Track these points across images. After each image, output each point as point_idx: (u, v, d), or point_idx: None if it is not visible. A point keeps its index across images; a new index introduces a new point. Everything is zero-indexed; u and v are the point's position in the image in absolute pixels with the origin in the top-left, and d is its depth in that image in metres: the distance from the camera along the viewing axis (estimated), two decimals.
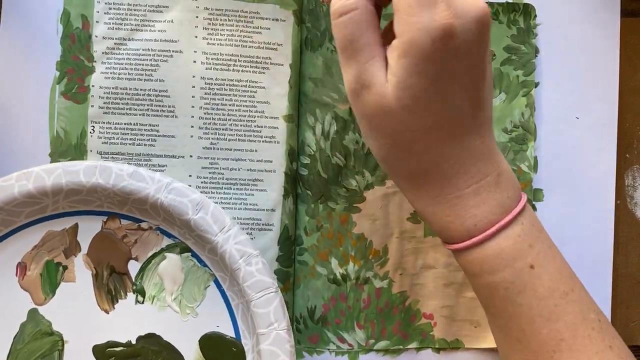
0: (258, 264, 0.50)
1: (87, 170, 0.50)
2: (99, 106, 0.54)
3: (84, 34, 0.54)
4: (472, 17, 0.38)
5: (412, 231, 0.56)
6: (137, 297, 0.53)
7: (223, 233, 0.50)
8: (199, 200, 0.50)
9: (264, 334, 0.49)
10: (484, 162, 0.42)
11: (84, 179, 0.50)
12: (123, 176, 0.50)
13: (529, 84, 0.56)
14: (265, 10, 0.55)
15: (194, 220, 0.50)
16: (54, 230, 0.52)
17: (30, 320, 0.52)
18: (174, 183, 0.50)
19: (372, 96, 0.40)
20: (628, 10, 0.57)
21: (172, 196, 0.50)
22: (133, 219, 0.52)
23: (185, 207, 0.50)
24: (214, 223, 0.50)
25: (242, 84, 0.55)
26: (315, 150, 0.56)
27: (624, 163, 0.58)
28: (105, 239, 0.53)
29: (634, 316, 0.57)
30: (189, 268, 0.53)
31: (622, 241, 0.57)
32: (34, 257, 0.52)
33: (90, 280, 0.53)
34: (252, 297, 0.50)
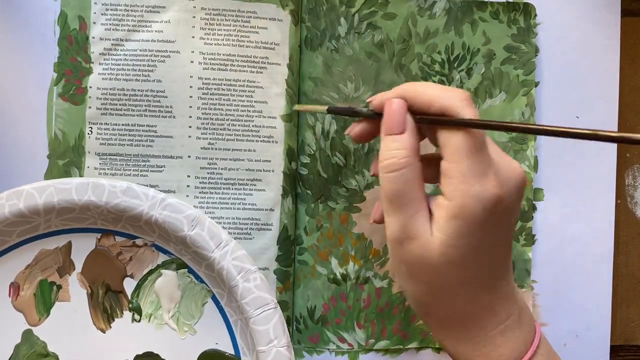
0: (256, 280, 0.49)
1: (79, 187, 0.49)
2: (97, 107, 0.54)
3: (81, 35, 0.54)
4: (513, 183, 0.41)
5: None
6: (134, 315, 0.52)
7: (220, 249, 0.49)
8: (194, 216, 0.49)
9: (263, 351, 0.49)
10: (509, 302, 0.44)
11: (76, 197, 0.49)
12: (116, 193, 0.49)
13: (529, 84, 0.56)
14: (262, 9, 0.55)
15: (190, 236, 0.49)
16: (47, 249, 0.51)
17: (24, 341, 0.51)
18: (168, 199, 0.50)
19: (416, 248, 0.41)
20: (628, 9, 0.57)
21: (167, 212, 0.49)
22: (127, 236, 0.52)
23: (180, 224, 0.49)
24: (210, 239, 0.49)
25: (239, 84, 0.54)
26: (315, 150, 0.56)
27: (624, 163, 0.57)
28: (99, 256, 0.52)
29: (634, 316, 0.57)
30: (186, 284, 0.52)
31: (622, 241, 0.57)
32: (27, 276, 0.51)
33: (85, 299, 0.52)
34: (251, 314, 0.49)
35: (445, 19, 0.56)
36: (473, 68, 0.56)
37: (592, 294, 0.56)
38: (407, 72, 0.56)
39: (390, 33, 0.56)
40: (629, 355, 0.57)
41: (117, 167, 0.54)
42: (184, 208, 0.50)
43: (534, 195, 0.56)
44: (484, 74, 0.56)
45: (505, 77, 0.56)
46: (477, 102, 0.56)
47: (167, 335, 0.52)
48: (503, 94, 0.56)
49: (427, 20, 0.56)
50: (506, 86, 0.56)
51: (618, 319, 0.57)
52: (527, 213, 0.56)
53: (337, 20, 0.55)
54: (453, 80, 0.56)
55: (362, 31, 0.56)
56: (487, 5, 0.56)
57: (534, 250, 0.56)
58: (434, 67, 0.56)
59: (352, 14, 0.55)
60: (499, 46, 0.56)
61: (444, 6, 0.56)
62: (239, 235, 0.54)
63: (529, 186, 0.56)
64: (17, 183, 0.53)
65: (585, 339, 0.57)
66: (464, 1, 0.56)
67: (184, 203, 0.50)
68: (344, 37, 0.55)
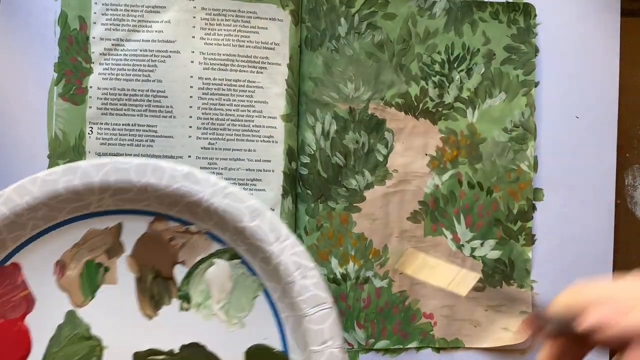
0: (314, 278, 0.48)
1: (138, 168, 0.47)
2: (97, 107, 0.54)
3: (82, 36, 0.54)
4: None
5: (412, 231, 0.56)
6: (182, 303, 0.50)
7: (279, 243, 0.47)
8: (255, 207, 0.48)
9: (317, 351, 0.47)
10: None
11: (134, 178, 0.47)
12: (177, 177, 0.47)
13: (529, 84, 0.56)
14: (262, 9, 0.55)
15: (250, 227, 0.47)
16: (97, 229, 0.50)
17: (67, 322, 0.49)
18: (230, 187, 0.48)
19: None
20: (628, 10, 0.57)
21: (228, 201, 0.47)
22: (181, 221, 0.50)
23: (240, 214, 0.47)
24: (270, 232, 0.47)
25: (239, 84, 0.54)
26: (315, 150, 0.56)
27: (624, 162, 0.57)
28: (151, 240, 0.50)
29: None
30: (238, 276, 0.50)
31: (622, 241, 0.57)
32: (73, 255, 0.50)
33: (132, 283, 0.50)
34: (307, 312, 0.47)
35: (445, 19, 0.56)
36: (473, 68, 0.56)
37: None
38: (407, 72, 0.56)
39: (390, 33, 0.56)
40: None
41: None
42: (245, 198, 0.48)
43: (534, 195, 0.56)
44: (483, 74, 0.56)
45: (505, 77, 0.56)
46: (477, 102, 0.56)
47: (215, 326, 0.50)
48: (503, 94, 0.56)
49: (427, 20, 0.56)
50: (506, 86, 0.56)
51: None
52: (527, 213, 0.56)
53: (337, 20, 0.55)
54: (453, 81, 0.56)
55: (362, 31, 0.56)
56: (487, 6, 0.56)
57: (534, 250, 0.56)
58: (434, 67, 0.56)
59: (352, 14, 0.55)
60: (499, 46, 0.56)
61: (444, 6, 0.56)
62: None
63: (529, 186, 0.56)
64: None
65: None
66: (464, 1, 0.56)
67: (245, 193, 0.48)
68: (344, 37, 0.55)
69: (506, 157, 0.56)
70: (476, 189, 0.56)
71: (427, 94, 0.56)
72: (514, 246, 0.56)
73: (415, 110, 0.56)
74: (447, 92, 0.56)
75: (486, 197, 0.56)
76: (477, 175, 0.56)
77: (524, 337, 0.55)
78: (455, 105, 0.56)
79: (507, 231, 0.56)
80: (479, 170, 0.56)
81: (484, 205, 0.56)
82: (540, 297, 0.56)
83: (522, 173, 0.56)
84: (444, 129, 0.56)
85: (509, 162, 0.56)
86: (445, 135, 0.56)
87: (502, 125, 0.56)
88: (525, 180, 0.56)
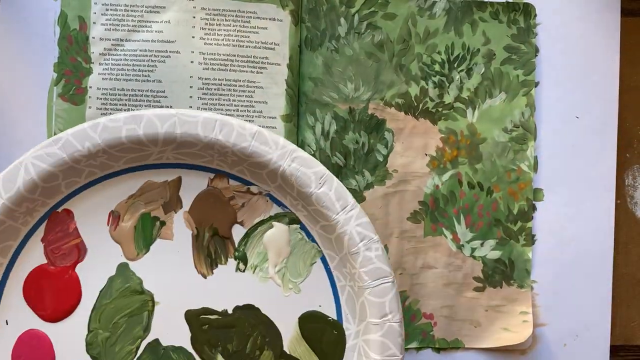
0: (378, 250, 0.46)
1: (205, 123, 0.46)
2: (97, 107, 0.54)
3: (81, 36, 0.54)
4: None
5: (412, 231, 0.56)
6: (239, 264, 0.49)
7: (345, 212, 0.46)
8: (323, 174, 0.46)
9: (376, 324, 0.46)
10: None
11: (201, 133, 0.45)
12: (245, 136, 0.46)
13: (529, 84, 0.56)
14: (262, 9, 0.55)
15: (316, 194, 0.46)
16: (154, 181, 0.48)
17: (119, 275, 0.48)
18: (298, 151, 0.46)
19: None
20: (628, 9, 0.57)
21: (296, 165, 0.46)
22: (242, 181, 0.49)
23: (308, 180, 0.46)
24: (336, 200, 0.46)
25: (239, 84, 0.54)
26: (315, 150, 0.55)
27: (624, 163, 0.57)
28: (210, 197, 0.49)
29: (634, 316, 0.57)
30: (296, 241, 0.49)
31: (622, 241, 0.57)
32: (129, 207, 0.48)
33: (189, 240, 0.49)
34: (368, 285, 0.46)
35: (445, 19, 0.56)
36: (473, 68, 0.56)
37: (592, 294, 0.56)
38: (407, 72, 0.56)
39: (390, 33, 0.56)
40: (629, 355, 0.57)
41: None
42: (313, 164, 0.46)
43: (534, 195, 0.56)
44: (483, 74, 0.56)
45: (505, 77, 0.56)
46: (477, 102, 0.56)
47: (271, 290, 0.49)
48: (503, 94, 0.56)
49: (427, 20, 0.56)
50: (506, 86, 0.56)
51: (618, 319, 0.57)
52: (527, 213, 0.56)
53: (337, 20, 0.55)
54: (453, 81, 0.56)
55: (362, 31, 0.56)
56: (487, 6, 0.56)
57: (534, 250, 0.56)
58: (434, 67, 0.56)
59: (352, 14, 0.55)
60: (499, 46, 0.56)
61: (444, 6, 0.56)
62: None
63: (529, 186, 0.56)
64: None
65: (585, 339, 0.57)
66: (464, 1, 0.56)
67: (313, 158, 0.47)
68: (344, 37, 0.55)
69: (506, 157, 0.56)
70: (476, 189, 0.56)
71: (427, 94, 0.56)
72: (514, 246, 0.56)
73: (415, 110, 0.56)
74: (447, 92, 0.56)
75: (486, 197, 0.56)
76: (477, 176, 0.56)
77: (524, 338, 0.55)
78: (455, 105, 0.56)
79: (507, 231, 0.56)
80: (479, 171, 0.56)
81: (484, 205, 0.56)
82: (540, 297, 0.56)
83: (522, 173, 0.56)
84: (444, 129, 0.56)
85: (509, 162, 0.56)
86: (445, 135, 0.56)
87: (502, 125, 0.56)
88: (525, 180, 0.56)
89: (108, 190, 0.48)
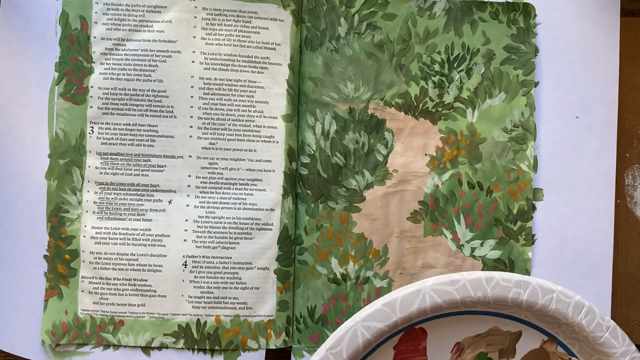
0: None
1: (575, 307, 0.49)
2: (98, 107, 0.54)
3: (83, 35, 0.54)
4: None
5: (412, 231, 0.56)
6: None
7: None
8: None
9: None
10: None
11: (570, 314, 0.49)
12: (602, 327, 0.49)
13: (529, 84, 0.56)
14: (263, 10, 0.55)
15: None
16: (500, 329, 0.52)
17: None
18: (636, 354, 0.49)
19: None
20: (628, 9, 0.57)
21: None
22: (569, 351, 0.52)
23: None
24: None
25: (240, 84, 0.55)
26: (315, 150, 0.56)
27: (624, 162, 0.57)
28: (538, 356, 0.52)
29: (634, 315, 0.57)
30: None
31: (622, 241, 0.57)
32: (473, 343, 0.52)
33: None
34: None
35: (445, 19, 0.56)
36: (473, 68, 0.56)
37: (592, 294, 0.56)
38: (407, 72, 0.56)
39: (390, 33, 0.56)
40: None
41: (118, 166, 0.54)
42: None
43: (534, 195, 0.56)
44: (483, 74, 0.56)
45: (505, 77, 0.56)
46: (477, 102, 0.56)
47: None
48: (503, 94, 0.56)
49: (426, 20, 0.56)
50: (506, 86, 0.56)
51: (618, 319, 0.57)
52: (526, 213, 0.56)
53: (337, 20, 0.56)
54: (453, 81, 0.56)
55: (362, 31, 0.56)
56: (487, 6, 0.56)
57: (534, 250, 0.56)
58: (433, 67, 0.56)
59: (352, 15, 0.56)
60: (499, 46, 0.56)
61: (443, 6, 0.56)
62: (240, 235, 0.54)
63: (528, 186, 0.56)
64: (18, 182, 0.54)
65: None
66: (463, 1, 0.56)
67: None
68: (344, 37, 0.56)
69: (506, 157, 0.56)
70: (476, 189, 0.56)
71: (427, 94, 0.56)
72: (514, 246, 0.56)
73: (415, 110, 0.56)
74: (447, 92, 0.56)
75: (486, 197, 0.56)
76: (477, 175, 0.56)
77: None
78: (455, 105, 0.56)
79: (507, 231, 0.56)
80: (479, 170, 0.56)
81: (484, 205, 0.56)
82: None
83: (522, 173, 0.56)
84: (444, 129, 0.56)
85: (508, 162, 0.56)
86: (445, 135, 0.56)
87: (502, 125, 0.56)
88: (525, 180, 0.56)
89: (462, 323, 0.52)
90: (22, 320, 0.55)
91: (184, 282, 0.54)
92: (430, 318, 0.50)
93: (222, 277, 0.55)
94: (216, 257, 0.55)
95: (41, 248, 0.55)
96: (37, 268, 0.55)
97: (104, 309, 0.54)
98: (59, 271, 0.54)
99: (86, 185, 0.54)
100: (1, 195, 0.54)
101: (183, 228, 0.55)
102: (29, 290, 0.55)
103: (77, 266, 0.55)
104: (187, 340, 0.55)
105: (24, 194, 0.54)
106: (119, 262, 0.54)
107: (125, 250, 0.54)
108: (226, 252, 0.55)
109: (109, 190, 0.54)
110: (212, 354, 0.55)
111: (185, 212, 0.55)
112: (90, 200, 0.54)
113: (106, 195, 0.54)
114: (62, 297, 0.54)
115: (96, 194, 0.54)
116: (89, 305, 0.54)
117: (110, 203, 0.54)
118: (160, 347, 0.55)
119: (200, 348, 0.55)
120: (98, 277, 0.54)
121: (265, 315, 0.55)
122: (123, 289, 0.54)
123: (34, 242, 0.55)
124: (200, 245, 0.54)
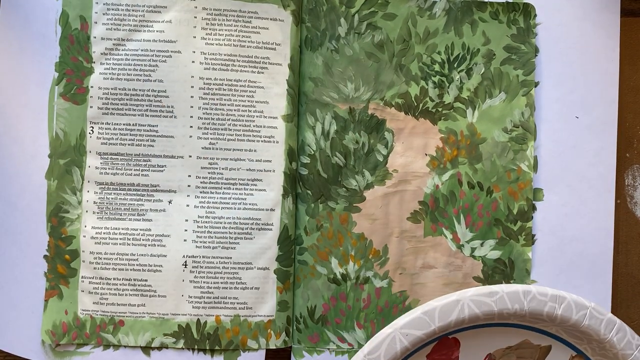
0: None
1: (607, 324, 0.49)
2: (98, 107, 0.54)
3: (83, 35, 0.54)
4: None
5: (412, 231, 0.56)
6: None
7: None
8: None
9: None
10: None
11: (602, 330, 0.49)
12: (633, 346, 0.49)
13: (529, 84, 0.56)
14: (263, 10, 0.55)
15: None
16: (531, 342, 0.52)
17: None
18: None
19: None
20: (628, 10, 0.57)
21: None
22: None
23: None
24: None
25: (240, 84, 0.55)
26: (315, 150, 0.56)
27: (624, 162, 0.57)
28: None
29: (634, 316, 0.57)
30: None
31: (622, 241, 0.57)
32: (504, 355, 0.52)
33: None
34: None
35: (445, 19, 0.56)
36: (473, 68, 0.56)
37: (592, 294, 0.56)
38: (407, 72, 0.56)
39: (390, 33, 0.56)
40: None
41: (118, 166, 0.54)
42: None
43: (534, 195, 0.56)
44: (483, 74, 0.56)
45: (505, 77, 0.56)
46: (477, 102, 0.56)
47: None
48: (503, 94, 0.56)
49: (427, 20, 0.56)
50: (506, 86, 0.56)
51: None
52: (527, 213, 0.56)
53: (337, 20, 0.56)
54: (453, 81, 0.56)
55: (362, 31, 0.56)
56: (487, 6, 0.56)
57: (534, 250, 0.56)
58: (433, 67, 0.56)
59: (352, 15, 0.56)
60: (499, 46, 0.56)
61: (443, 6, 0.56)
62: (240, 235, 0.54)
63: (528, 186, 0.56)
64: (18, 182, 0.54)
65: None
66: (464, 1, 0.56)
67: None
68: (344, 37, 0.56)
69: (506, 157, 0.56)
70: (476, 189, 0.56)
71: (427, 94, 0.56)
72: (514, 246, 0.56)
73: (415, 110, 0.56)
74: (447, 92, 0.56)
75: (486, 197, 0.56)
76: (477, 175, 0.56)
77: None
78: (455, 105, 0.56)
79: (507, 231, 0.56)
80: (479, 170, 0.56)
81: (484, 205, 0.56)
82: None
83: (522, 173, 0.56)
84: (444, 129, 0.56)
85: (509, 162, 0.56)
86: (445, 135, 0.56)
87: (502, 125, 0.56)
88: (525, 180, 0.56)
89: (494, 335, 0.52)
90: (22, 320, 0.55)
91: (184, 282, 0.54)
92: (464, 328, 0.50)
93: (222, 277, 0.55)
94: (216, 257, 0.55)
95: (41, 248, 0.55)
96: (37, 268, 0.55)
97: (104, 309, 0.54)
98: (59, 271, 0.54)
99: (86, 185, 0.54)
100: (1, 195, 0.54)
101: (183, 228, 0.55)
102: (29, 290, 0.55)
103: (77, 266, 0.55)
104: (187, 340, 0.55)
105: (24, 194, 0.54)
106: (119, 262, 0.54)
107: (125, 250, 0.54)
108: (226, 252, 0.54)
109: (109, 190, 0.54)
110: (212, 354, 0.55)
111: (185, 212, 0.55)
112: (90, 200, 0.54)
113: (106, 195, 0.54)
114: (62, 297, 0.54)
115: (96, 194, 0.54)
116: (89, 305, 0.54)
117: (110, 203, 0.54)
118: (160, 347, 0.55)
119: (200, 348, 0.55)
120: (98, 277, 0.54)
121: (265, 315, 0.55)
122: (123, 289, 0.54)
123: (34, 242, 0.55)
124: (200, 245, 0.54)
